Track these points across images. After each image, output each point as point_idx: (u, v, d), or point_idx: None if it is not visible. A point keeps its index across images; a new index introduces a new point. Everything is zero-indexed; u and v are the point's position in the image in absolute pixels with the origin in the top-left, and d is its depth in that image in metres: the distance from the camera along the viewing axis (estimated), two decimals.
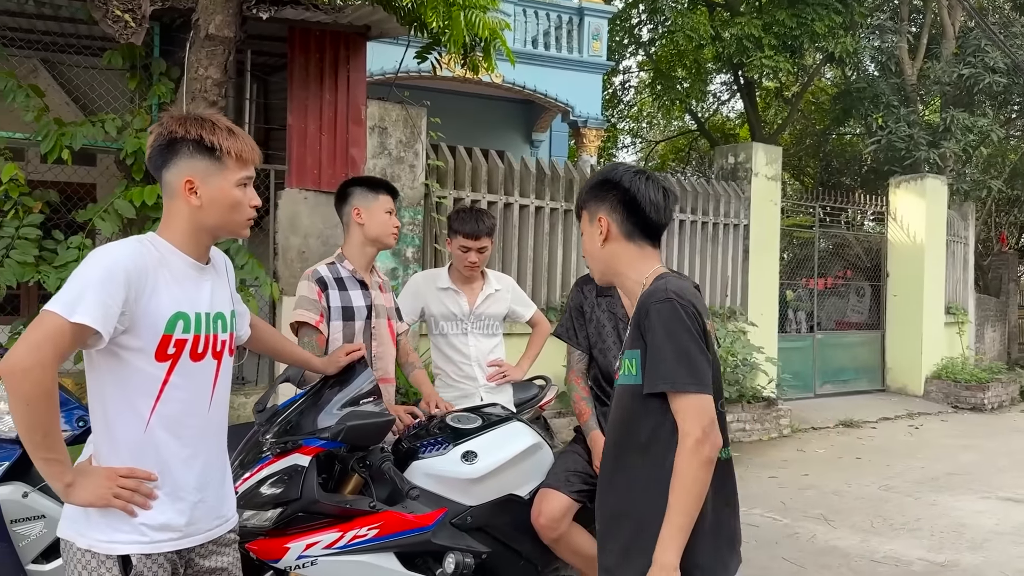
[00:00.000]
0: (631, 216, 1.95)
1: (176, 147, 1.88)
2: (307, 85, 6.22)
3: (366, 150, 6.42)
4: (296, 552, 2.32)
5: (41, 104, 5.30)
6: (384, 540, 2.42)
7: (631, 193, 1.94)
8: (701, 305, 1.89)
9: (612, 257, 1.98)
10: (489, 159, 7.39)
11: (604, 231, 1.96)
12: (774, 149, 9.69)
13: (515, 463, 2.76)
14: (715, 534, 1.84)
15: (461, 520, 2.64)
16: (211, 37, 5.30)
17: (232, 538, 2.02)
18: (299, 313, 3.00)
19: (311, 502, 2.33)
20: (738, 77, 16.73)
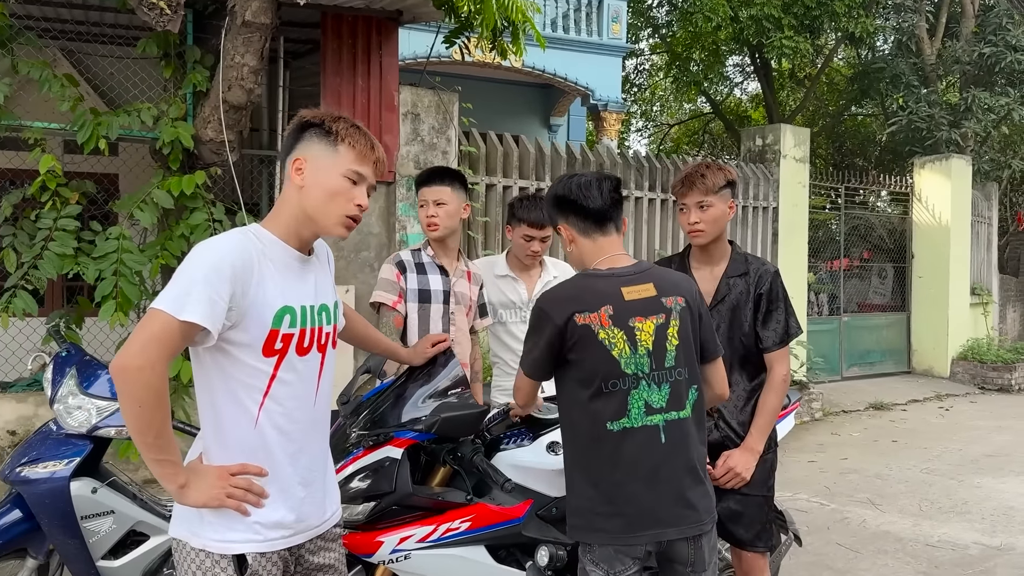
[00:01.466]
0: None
1: (301, 132, 1.88)
2: (340, 71, 6.15)
3: (399, 137, 6.36)
4: (390, 546, 2.28)
5: (77, 94, 5.23)
6: (476, 533, 2.39)
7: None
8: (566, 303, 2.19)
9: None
10: (520, 144, 7.32)
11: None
12: (802, 131, 9.60)
13: None
14: (616, 495, 2.15)
15: (547, 511, 2.58)
16: (248, 24, 5.23)
17: (337, 533, 1.98)
18: (377, 294, 3.22)
19: (406, 495, 2.29)
20: (755, 59, 16.59)
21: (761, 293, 2.82)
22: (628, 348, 2.15)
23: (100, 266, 5.06)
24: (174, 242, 5.30)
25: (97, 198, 5.58)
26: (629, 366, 2.14)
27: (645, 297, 2.19)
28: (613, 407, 2.14)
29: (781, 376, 2.82)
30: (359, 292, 6.20)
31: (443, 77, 11.74)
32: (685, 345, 2.22)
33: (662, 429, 2.15)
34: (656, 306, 2.19)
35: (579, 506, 2.20)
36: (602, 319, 2.14)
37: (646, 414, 2.14)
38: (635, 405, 2.14)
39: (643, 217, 8.03)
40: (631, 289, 2.19)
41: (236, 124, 5.52)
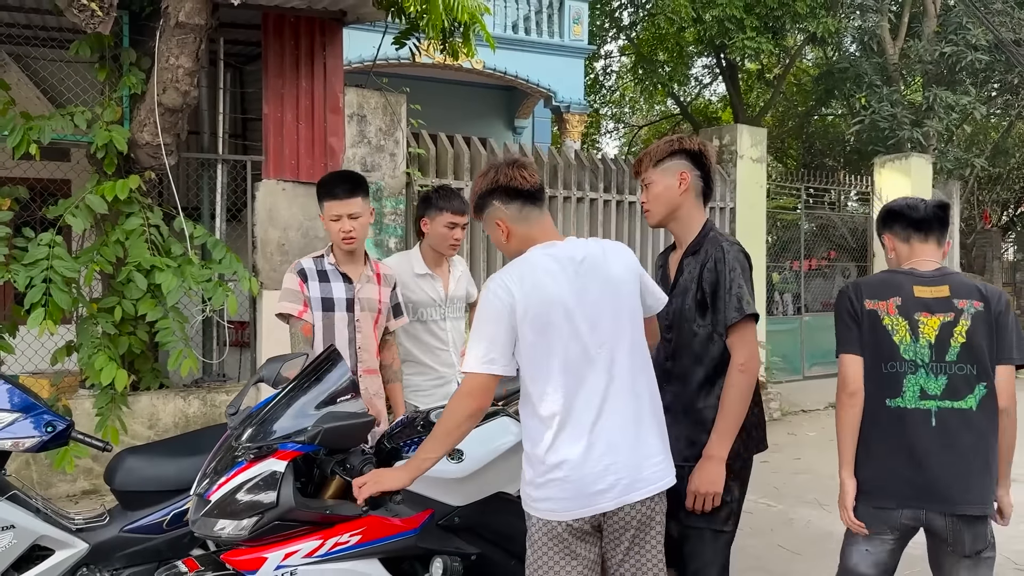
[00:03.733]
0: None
1: None
2: (283, 73, 6.06)
3: (345, 139, 6.27)
4: (274, 562, 2.20)
5: (7, 97, 5.12)
6: (368, 546, 2.31)
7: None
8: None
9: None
10: (472, 146, 7.25)
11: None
12: (759, 131, 9.60)
13: (503, 460, 2.64)
14: (883, 463, 2.55)
15: (449, 521, 2.53)
16: (181, 25, 5.15)
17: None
18: (282, 305, 3.24)
19: (288, 510, 2.21)
20: (720, 60, 16.64)
21: (706, 268, 2.59)
22: (909, 337, 2.50)
23: (30, 273, 4.95)
24: (109, 248, 5.19)
25: (30, 204, 5.45)
26: (907, 352, 2.49)
27: (936, 297, 2.52)
28: (891, 387, 2.49)
29: (736, 365, 2.54)
30: None
31: (399, 79, 11.66)
32: (973, 345, 2.49)
33: (934, 414, 2.47)
34: (946, 306, 2.51)
35: (859, 474, 2.57)
36: (889, 308, 2.52)
37: (920, 398, 2.48)
38: (910, 388, 2.49)
39: (598, 219, 7.99)
40: (924, 288, 2.54)
41: (172, 127, 5.43)
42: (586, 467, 2.15)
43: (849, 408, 2.56)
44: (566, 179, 7.79)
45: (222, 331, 6.07)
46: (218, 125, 6.03)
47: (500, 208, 2.35)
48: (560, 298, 2.22)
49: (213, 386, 5.95)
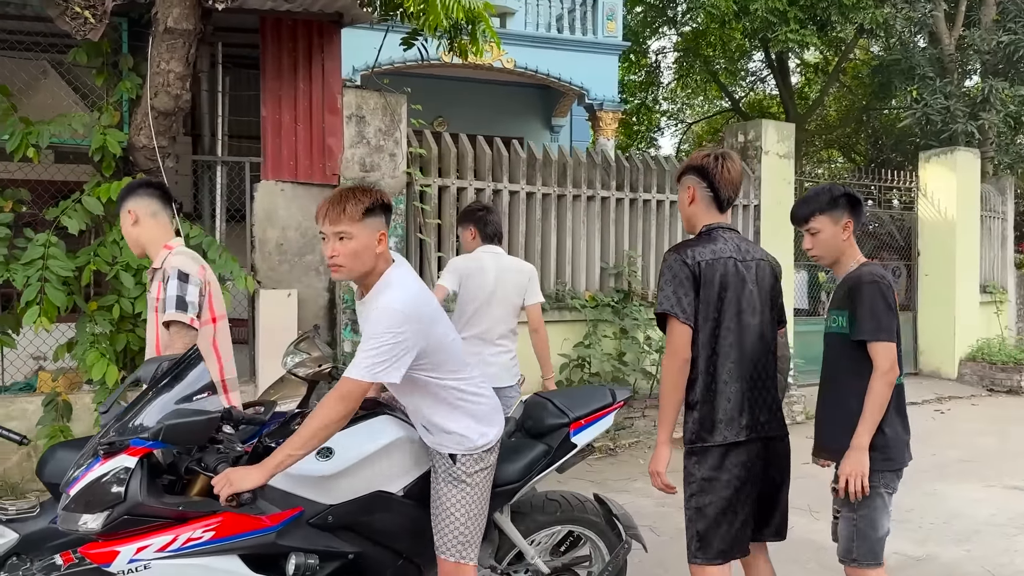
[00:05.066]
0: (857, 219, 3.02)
1: None
2: (280, 76, 6.17)
3: (343, 140, 6.35)
4: (127, 556, 2.24)
5: (7, 103, 5.32)
6: (223, 542, 2.32)
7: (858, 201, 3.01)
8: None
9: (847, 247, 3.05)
10: (476, 145, 7.25)
11: (849, 231, 2.99)
12: (786, 126, 9.34)
13: (379, 458, 2.63)
14: (898, 429, 2.90)
15: (321, 520, 2.53)
16: (170, 30, 5.28)
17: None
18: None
19: (135, 504, 2.24)
20: (769, 53, 16.25)
21: None
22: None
23: (27, 272, 5.15)
24: (106, 248, 5.37)
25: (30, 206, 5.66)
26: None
27: None
28: (899, 365, 2.83)
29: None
30: (302, 295, 6.22)
31: (432, 80, 11.83)
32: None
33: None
34: None
35: (896, 440, 2.87)
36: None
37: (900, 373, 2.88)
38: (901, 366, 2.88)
39: (611, 217, 7.90)
40: None
41: (167, 130, 5.56)
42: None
43: (890, 388, 2.83)
44: (576, 177, 7.71)
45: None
46: (217, 127, 6.17)
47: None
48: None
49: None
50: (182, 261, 3.20)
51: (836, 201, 2.93)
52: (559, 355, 7.28)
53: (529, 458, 2.89)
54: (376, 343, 2.39)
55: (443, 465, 2.66)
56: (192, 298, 3.12)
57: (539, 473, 2.90)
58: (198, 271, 3.22)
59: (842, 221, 2.93)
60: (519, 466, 2.86)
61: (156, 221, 3.36)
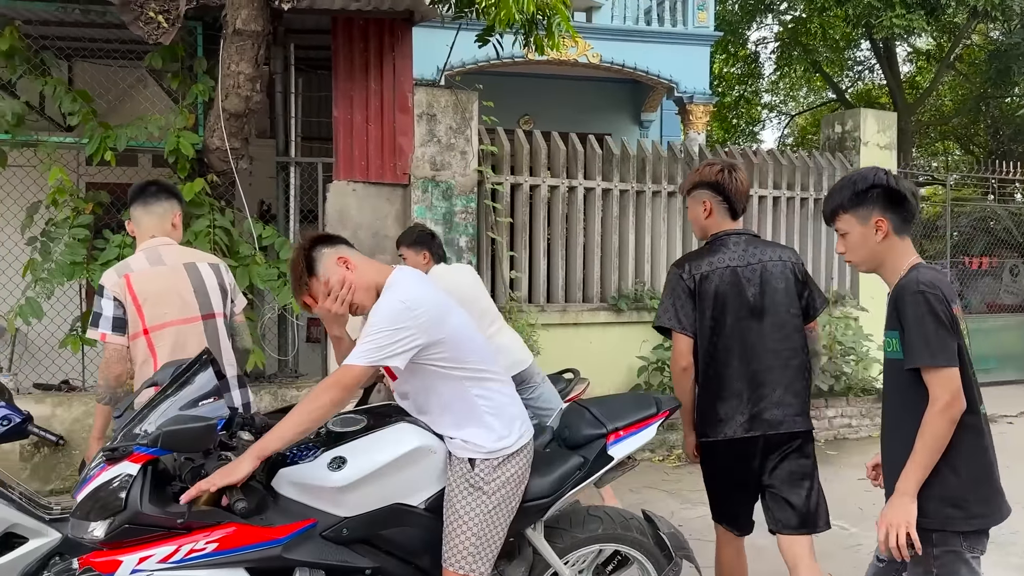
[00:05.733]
0: (900, 214, 2.37)
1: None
2: (352, 76, 6.16)
3: (414, 138, 6.29)
4: (129, 566, 2.18)
5: (87, 109, 5.48)
6: (226, 555, 2.24)
7: (899, 193, 2.37)
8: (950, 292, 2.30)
9: (887, 251, 2.40)
10: (551, 141, 7.07)
11: (884, 231, 2.37)
12: (887, 115, 8.77)
13: (395, 469, 2.49)
14: (981, 476, 2.29)
15: (335, 533, 2.42)
16: (239, 32, 5.32)
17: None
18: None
19: (135, 513, 2.17)
20: (875, 41, 15.42)
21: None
22: (968, 342, 2.34)
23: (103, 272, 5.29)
24: None
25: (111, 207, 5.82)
26: (969, 357, 2.34)
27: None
28: (974, 393, 2.29)
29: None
30: None
31: (517, 78, 11.71)
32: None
33: (983, 416, 2.36)
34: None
35: (953, 495, 2.25)
36: (958, 312, 2.32)
37: (979, 402, 2.35)
38: (978, 393, 2.34)
39: None
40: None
41: (239, 131, 5.62)
42: None
43: (951, 425, 2.26)
44: (655, 173, 7.43)
45: (297, 329, 6.27)
46: (290, 128, 6.20)
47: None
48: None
49: (285, 381, 6.13)
50: (108, 274, 3.17)
51: (862, 195, 2.38)
52: (637, 357, 7.04)
53: (561, 471, 2.70)
54: (375, 331, 2.39)
55: (461, 470, 2.53)
56: (106, 312, 3.08)
57: (572, 487, 2.71)
58: (114, 283, 3.13)
59: (872, 219, 2.37)
60: (550, 479, 2.68)
61: (137, 225, 3.35)
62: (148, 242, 3.26)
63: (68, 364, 6.20)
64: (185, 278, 3.21)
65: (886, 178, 2.38)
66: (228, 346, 3.32)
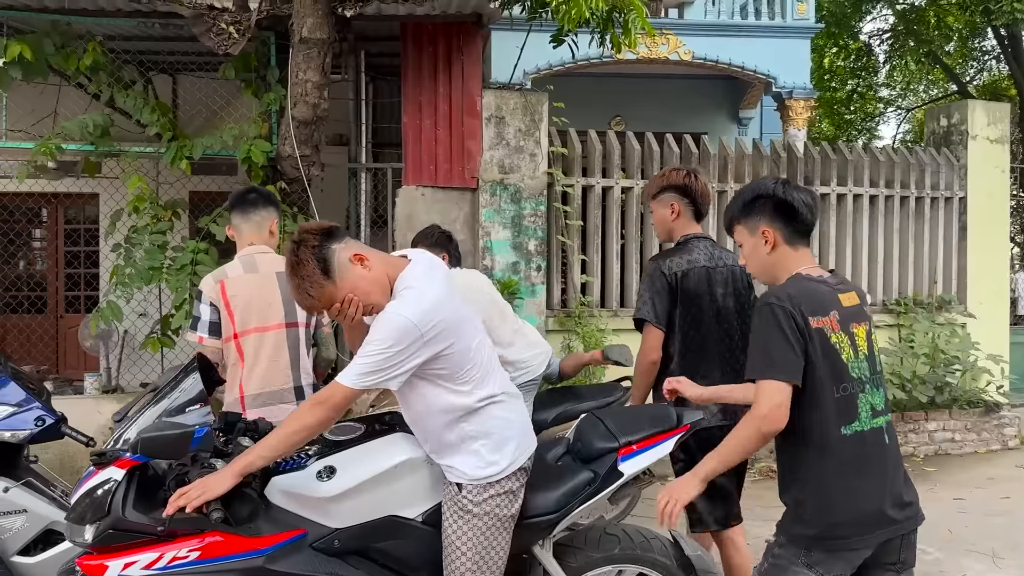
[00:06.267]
0: (790, 225, 2.31)
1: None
2: (421, 81, 6.17)
3: (482, 142, 6.24)
4: (114, 572, 2.18)
5: (165, 120, 5.69)
6: (208, 564, 2.22)
7: (787, 203, 2.30)
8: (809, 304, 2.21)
9: (778, 262, 2.34)
10: (626, 141, 6.89)
11: (771, 242, 2.32)
12: (999, 107, 8.12)
13: (387, 480, 2.41)
14: (836, 487, 2.19)
15: (326, 544, 2.36)
16: (305, 40, 5.41)
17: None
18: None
19: (117, 519, 2.18)
20: (996, 29, 14.39)
21: None
22: (852, 353, 2.24)
23: (178, 277, 5.48)
24: None
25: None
26: (854, 370, 2.23)
27: (854, 305, 2.31)
28: (845, 411, 2.21)
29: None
30: None
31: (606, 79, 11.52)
32: (878, 350, 2.37)
33: (885, 431, 2.26)
34: (862, 314, 2.32)
35: (811, 516, 2.21)
36: (832, 324, 2.22)
37: (872, 417, 2.24)
38: (863, 408, 2.23)
39: None
40: (844, 296, 2.30)
41: (309, 139, 5.71)
42: None
43: (760, 436, 2.22)
44: (738, 171, 7.13)
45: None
46: (361, 135, 6.27)
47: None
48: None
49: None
50: (206, 280, 3.27)
51: (749, 206, 2.34)
52: None
53: (569, 486, 2.56)
54: (374, 349, 2.21)
55: (450, 493, 2.43)
56: (203, 316, 3.17)
57: (581, 504, 2.57)
58: (210, 288, 3.21)
59: (759, 230, 2.32)
60: (556, 495, 2.55)
61: (237, 232, 3.43)
62: (246, 249, 3.33)
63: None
64: (275, 285, 3.24)
65: (774, 188, 2.32)
66: (307, 356, 3.33)
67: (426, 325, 2.21)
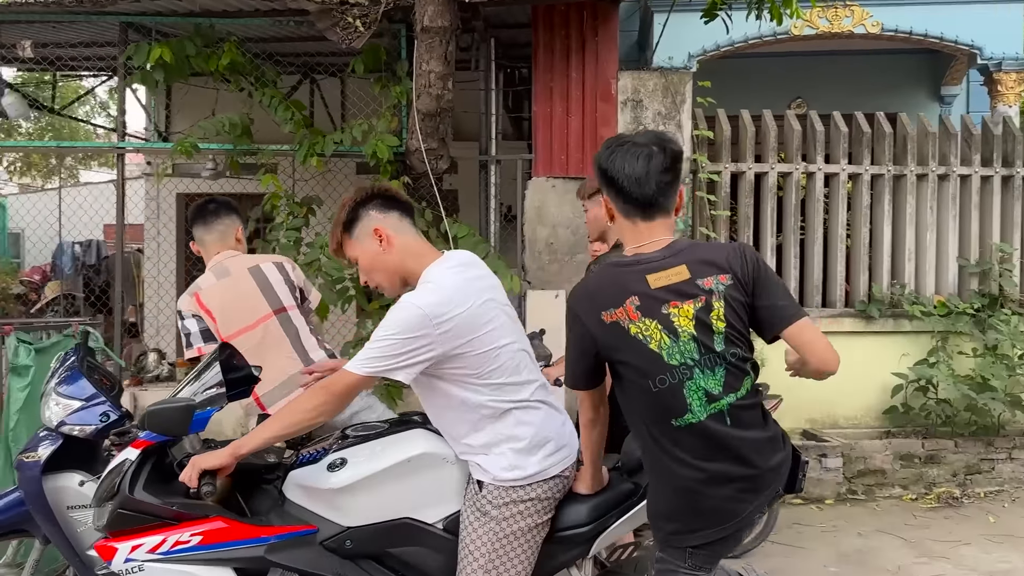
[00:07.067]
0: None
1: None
2: (552, 66, 5.88)
3: (617, 128, 5.84)
4: (123, 555, 2.17)
5: (299, 117, 5.74)
6: (209, 549, 2.17)
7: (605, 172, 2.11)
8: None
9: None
10: (784, 122, 6.22)
11: (608, 211, 2.20)
12: None
13: (400, 476, 2.22)
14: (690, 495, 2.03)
15: (337, 543, 2.23)
16: (427, 29, 5.26)
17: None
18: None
19: (125, 499, 2.17)
20: None
21: None
22: (666, 338, 2.01)
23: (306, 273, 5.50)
24: None
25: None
26: (673, 357, 2.01)
27: (677, 282, 2.04)
28: (672, 404, 2.01)
29: None
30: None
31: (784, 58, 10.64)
32: (736, 325, 2.05)
33: (727, 414, 2.02)
34: (692, 289, 2.04)
35: (667, 511, 2.08)
36: (629, 313, 2.03)
37: (708, 403, 2.01)
38: (694, 397, 2.00)
39: (972, 200, 6.26)
40: (659, 276, 2.05)
41: (434, 132, 5.55)
42: None
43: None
44: (920, 152, 6.26)
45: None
46: (491, 126, 6.05)
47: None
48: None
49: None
50: (182, 297, 3.23)
51: (598, 175, 2.21)
52: (892, 374, 5.93)
53: (603, 497, 2.30)
54: (383, 336, 2.17)
55: (471, 491, 2.26)
56: (192, 329, 3.14)
57: (618, 518, 2.29)
58: (188, 303, 3.18)
59: (601, 200, 2.33)
60: (589, 506, 2.29)
61: (201, 246, 3.43)
62: (215, 258, 3.31)
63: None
64: (250, 281, 3.24)
65: (599, 156, 2.14)
66: (308, 333, 3.29)
67: (438, 316, 2.15)
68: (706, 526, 2.02)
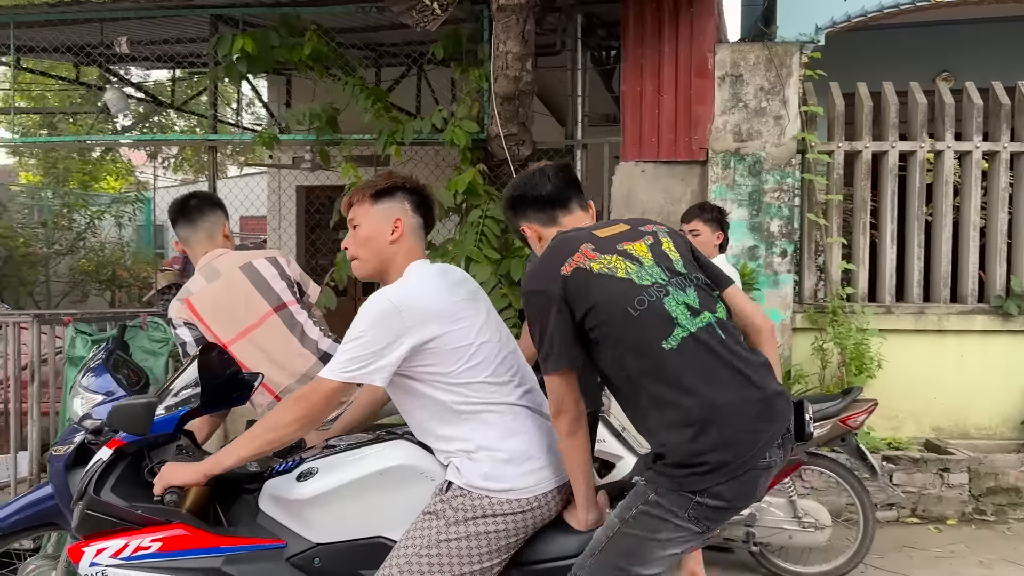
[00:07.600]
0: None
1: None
2: (643, 41, 5.48)
3: (714, 106, 5.37)
4: (88, 558, 2.11)
5: (380, 105, 5.61)
6: (168, 557, 2.08)
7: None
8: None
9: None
10: (909, 96, 5.55)
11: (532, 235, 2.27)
12: None
13: (370, 488, 2.05)
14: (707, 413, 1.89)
15: (304, 560, 2.08)
16: (502, 8, 5.01)
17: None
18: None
19: (91, 501, 2.12)
20: None
21: None
22: (632, 264, 2.01)
23: None
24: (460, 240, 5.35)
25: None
26: (644, 278, 1.99)
27: (621, 231, 2.12)
28: (658, 323, 1.93)
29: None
30: None
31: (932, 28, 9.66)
32: (688, 256, 2.12)
33: (716, 326, 1.97)
34: (636, 233, 2.11)
35: (683, 454, 1.88)
36: (587, 254, 2.02)
37: (692, 316, 1.95)
38: (678, 310, 1.95)
39: None
40: (604, 230, 2.11)
41: (513, 116, 5.30)
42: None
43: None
44: None
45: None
46: (576, 108, 5.72)
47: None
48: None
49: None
50: (172, 304, 3.04)
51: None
52: None
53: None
54: (354, 335, 2.06)
55: (436, 491, 2.09)
56: (187, 338, 2.97)
57: None
58: (179, 310, 2.99)
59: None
60: (582, 536, 2.04)
61: (186, 245, 3.21)
62: (203, 259, 3.11)
63: None
64: (244, 280, 3.03)
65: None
66: (312, 326, 3.11)
67: (406, 307, 2.06)
68: (722, 462, 1.84)
